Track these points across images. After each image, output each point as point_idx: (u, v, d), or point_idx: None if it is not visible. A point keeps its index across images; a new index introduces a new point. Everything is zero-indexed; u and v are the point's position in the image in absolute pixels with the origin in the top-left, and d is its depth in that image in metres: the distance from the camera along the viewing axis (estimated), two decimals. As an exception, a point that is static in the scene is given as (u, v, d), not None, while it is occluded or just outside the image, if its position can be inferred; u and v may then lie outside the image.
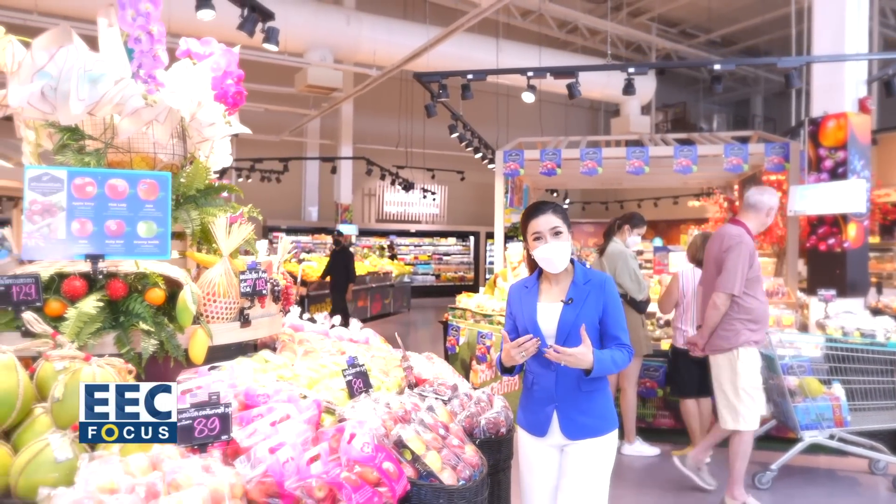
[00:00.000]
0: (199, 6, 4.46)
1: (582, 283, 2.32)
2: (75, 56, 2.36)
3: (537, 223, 2.31)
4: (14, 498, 1.62)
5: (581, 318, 2.24)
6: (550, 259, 2.29)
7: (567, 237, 2.31)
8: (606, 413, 2.34)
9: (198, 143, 2.86)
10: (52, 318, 2.08)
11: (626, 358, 2.31)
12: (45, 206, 2.10)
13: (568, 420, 2.29)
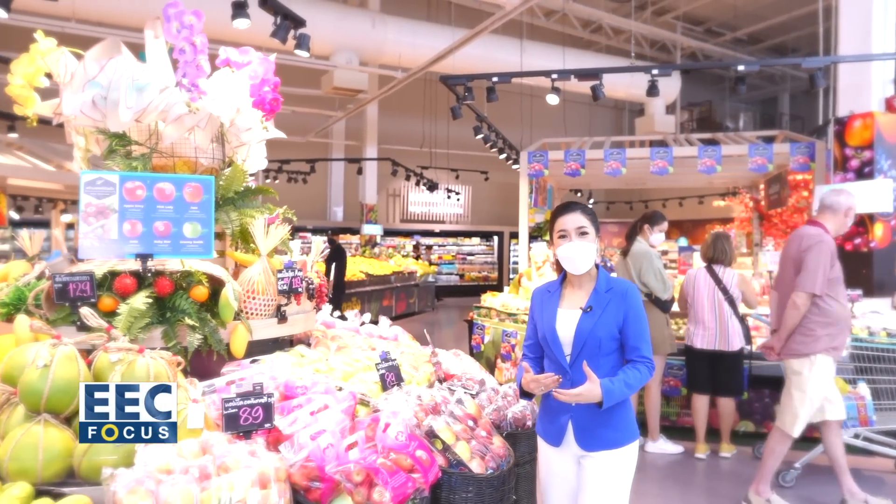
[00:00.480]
0: (234, 15, 4.63)
1: (604, 290, 2.24)
2: (124, 66, 2.50)
3: (564, 221, 2.26)
4: (77, 478, 1.75)
5: (599, 327, 2.17)
6: (572, 259, 2.23)
7: (593, 239, 2.25)
8: (625, 424, 2.24)
9: (236, 147, 2.99)
10: (105, 313, 2.22)
11: (643, 375, 2.20)
12: (99, 209, 2.24)
13: (583, 431, 2.21)
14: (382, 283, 12.89)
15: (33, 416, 1.80)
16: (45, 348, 1.87)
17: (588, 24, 17.35)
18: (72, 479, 1.76)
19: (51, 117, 2.78)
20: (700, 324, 4.78)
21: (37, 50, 2.79)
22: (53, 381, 1.80)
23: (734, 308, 4.70)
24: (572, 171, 6.46)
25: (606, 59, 15.53)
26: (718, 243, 4.78)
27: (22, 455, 1.70)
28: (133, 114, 2.50)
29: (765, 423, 5.26)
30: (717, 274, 4.74)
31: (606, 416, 2.17)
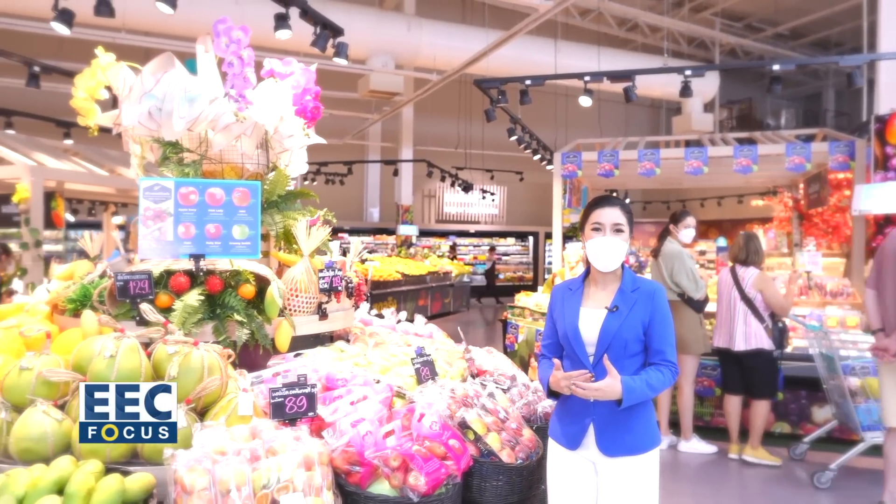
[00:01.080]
0: (277, 27, 4.84)
1: (630, 290, 2.16)
2: (177, 79, 2.69)
3: (601, 213, 2.17)
4: (141, 459, 1.92)
5: (625, 328, 2.10)
6: (603, 255, 2.14)
7: (626, 238, 2.17)
8: (648, 429, 2.16)
9: (279, 152, 3.15)
10: (161, 309, 2.40)
11: (666, 378, 2.12)
12: (156, 213, 2.42)
13: (605, 435, 2.12)
14: (418, 283, 13.05)
15: (101, 402, 1.97)
16: (110, 341, 2.05)
17: (624, 23, 17.22)
18: (136, 460, 1.93)
19: (110, 127, 3.00)
20: (717, 322, 4.84)
21: (97, 65, 3.00)
22: (119, 371, 1.97)
23: (752, 308, 4.65)
24: (606, 171, 6.49)
25: (642, 57, 15.40)
26: (749, 244, 4.77)
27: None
28: (185, 123, 2.68)
29: (801, 425, 5.22)
30: (737, 273, 4.74)
31: (628, 420, 2.10)
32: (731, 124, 19.58)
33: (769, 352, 4.66)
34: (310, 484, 1.74)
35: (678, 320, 4.79)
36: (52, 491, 1.63)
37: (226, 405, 2.05)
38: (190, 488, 1.64)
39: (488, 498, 2.14)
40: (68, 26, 4.95)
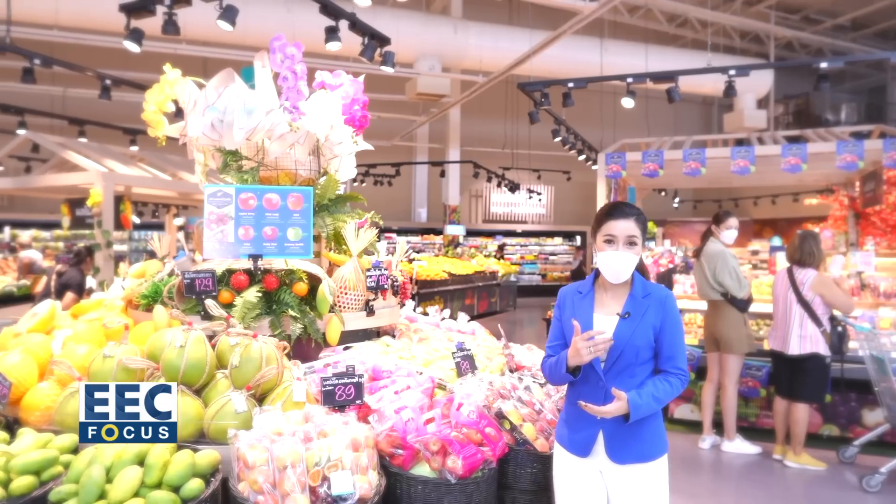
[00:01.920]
0: (327, 39, 5.08)
1: (641, 296, 2.13)
2: (237, 93, 2.91)
3: (615, 226, 2.12)
4: (207, 438, 2.14)
5: (637, 335, 2.07)
6: (617, 269, 2.10)
7: (639, 251, 2.13)
8: (656, 437, 2.14)
9: (329, 159, 3.35)
10: (223, 304, 2.62)
11: (674, 389, 2.08)
12: (219, 217, 2.64)
13: (615, 442, 2.10)
14: (465, 282, 13.20)
15: (172, 387, 2.20)
16: (179, 332, 2.27)
17: (673, 19, 16.95)
18: (203, 440, 2.15)
19: (177, 137, 3.26)
20: (773, 324, 4.78)
21: (165, 80, 3.26)
22: (188, 359, 2.19)
23: (809, 311, 4.54)
24: (650, 172, 6.50)
25: (691, 54, 15.14)
26: (805, 244, 4.67)
27: (165, 418, 2.09)
28: (244, 133, 2.89)
29: (851, 428, 5.14)
30: (793, 275, 4.66)
31: (638, 428, 2.08)
32: (787, 120, 18.97)
33: (823, 357, 4.55)
34: (357, 464, 1.91)
35: (721, 320, 4.83)
36: (133, 462, 1.85)
37: (282, 392, 2.25)
38: (252, 464, 1.84)
39: (523, 484, 2.27)
40: (138, 44, 5.32)
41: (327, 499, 1.82)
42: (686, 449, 5.07)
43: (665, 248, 10.06)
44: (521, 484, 2.27)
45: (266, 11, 9.74)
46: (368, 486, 1.88)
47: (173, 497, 1.78)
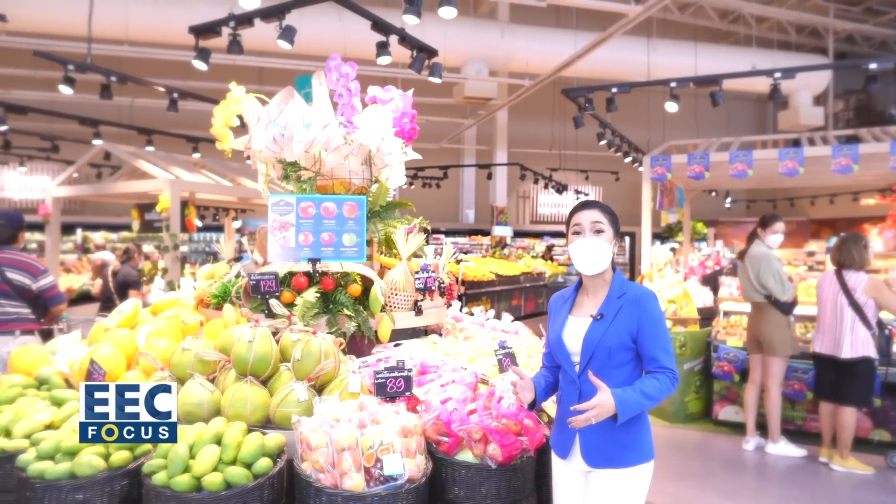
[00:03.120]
0: (378, 53, 5.34)
1: (616, 296, 2.10)
2: (296, 109, 3.17)
3: (580, 216, 2.14)
4: (273, 424, 2.38)
5: (609, 337, 2.02)
6: (585, 256, 2.09)
7: (609, 239, 2.11)
8: (637, 443, 2.06)
9: (381, 168, 3.58)
10: (285, 304, 2.87)
11: (663, 386, 2.00)
12: (282, 224, 2.90)
13: (590, 445, 2.06)
14: (511, 283, 13.31)
15: (241, 377, 2.45)
16: (248, 329, 2.53)
17: (726, 15, 16.64)
18: (269, 425, 2.39)
19: (241, 150, 3.54)
20: (820, 327, 4.74)
21: (231, 98, 3.56)
22: (255, 353, 2.44)
23: (860, 315, 4.51)
24: (696, 174, 6.51)
25: (743, 52, 14.83)
26: (844, 247, 4.67)
27: (236, 404, 2.35)
28: (303, 146, 3.15)
29: (902, 433, 5.07)
30: (843, 278, 4.63)
31: (615, 432, 2.02)
32: (848, 117, 18.32)
33: (872, 360, 4.52)
34: (406, 448, 2.12)
35: (764, 322, 4.85)
36: (212, 442, 2.10)
37: (338, 383, 2.48)
38: (314, 446, 2.07)
39: (559, 472, 2.43)
40: (206, 63, 5.70)
41: (380, 478, 2.03)
42: (730, 450, 5.10)
43: (712, 249, 9.96)
44: (557, 472, 2.43)
45: (319, 22, 10.09)
46: (417, 469, 2.09)
47: (246, 473, 2.03)
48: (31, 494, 2.03)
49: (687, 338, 5.72)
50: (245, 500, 2.00)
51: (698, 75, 7.45)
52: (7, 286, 3.85)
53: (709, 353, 5.74)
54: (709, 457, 5.00)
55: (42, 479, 2.03)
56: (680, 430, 5.62)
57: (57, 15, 9.72)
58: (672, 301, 5.96)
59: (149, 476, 2.04)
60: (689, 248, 10.31)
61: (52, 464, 2.07)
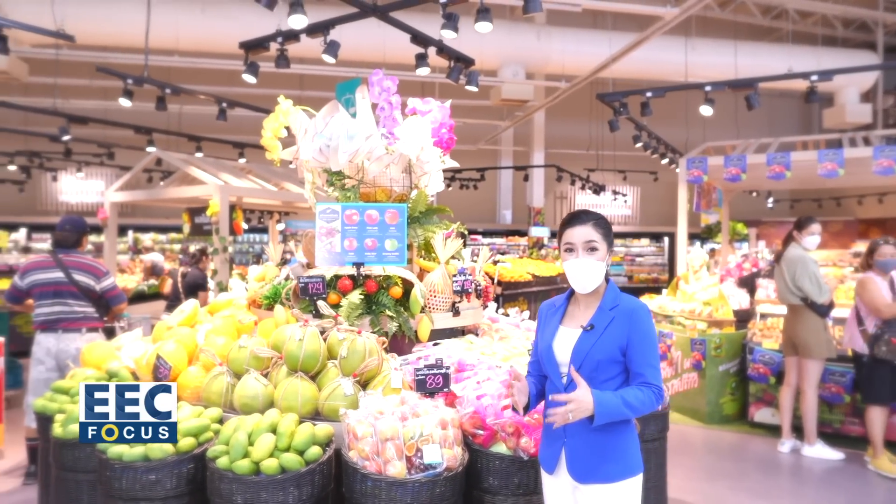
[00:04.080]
0: (417, 65, 5.54)
1: (608, 308, 2.06)
2: (341, 121, 3.37)
3: (572, 233, 2.07)
4: (321, 416, 2.58)
5: (598, 348, 1.99)
6: (579, 276, 2.05)
7: (603, 256, 2.06)
8: (624, 457, 2.01)
9: (420, 175, 3.77)
10: (331, 305, 3.08)
11: (646, 398, 1.96)
12: (328, 230, 3.11)
13: (576, 460, 2.02)
14: (548, 283, 13.33)
15: (292, 373, 2.66)
16: (298, 328, 2.74)
17: (769, 10, 16.32)
18: (318, 417, 2.60)
19: (289, 160, 3.77)
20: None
21: (279, 110, 3.79)
22: (305, 351, 2.65)
23: (858, 312, 4.77)
24: (732, 176, 6.51)
25: (786, 49, 14.55)
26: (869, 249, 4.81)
27: (288, 397, 2.56)
28: (348, 156, 3.35)
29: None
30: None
31: (602, 446, 2.00)
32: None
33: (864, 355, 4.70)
34: (445, 439, 2.29)
35: (800, 324, 4.87)
36: (268, 431, 2.31)
37: (381, 379, 2.67)
38: (360, 436, 2.26)
39: (589, 466, 2.57)
40: (255, 76, 6.00)
41: (420, 466, 2.20)
42: (765, 452, 5.13)
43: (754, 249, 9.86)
44: (587, 466, 2.57)
45: (359, 29, 10.32)
46: (454, 459, 2.26)
47: (299, 459, 2.23)
48: (110, 474, 2.28)
49: (722, 340, 5.75)
50: (298, 484, 2.20)
51: (734, 79, 7.44)
52: (75, 287, 4.16)
53: (744, 355, 5.76)
54: (743, 458, 5.03)
55: (120, 461, 2.27)
56: (715, 431, 5.66)
57: (114, 29, 10.23)
58: (707, 303, 5.99)
59: (213, 460, 2.27)
60: (729, 250, 10.23)
61: (129, 448, 2.31)
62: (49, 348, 4.06)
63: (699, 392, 5.85)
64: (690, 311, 6.09)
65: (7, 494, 4.04)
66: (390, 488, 2.15)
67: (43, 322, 4.09)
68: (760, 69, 12.41)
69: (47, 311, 4.11)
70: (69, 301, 4.17)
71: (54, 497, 2.72)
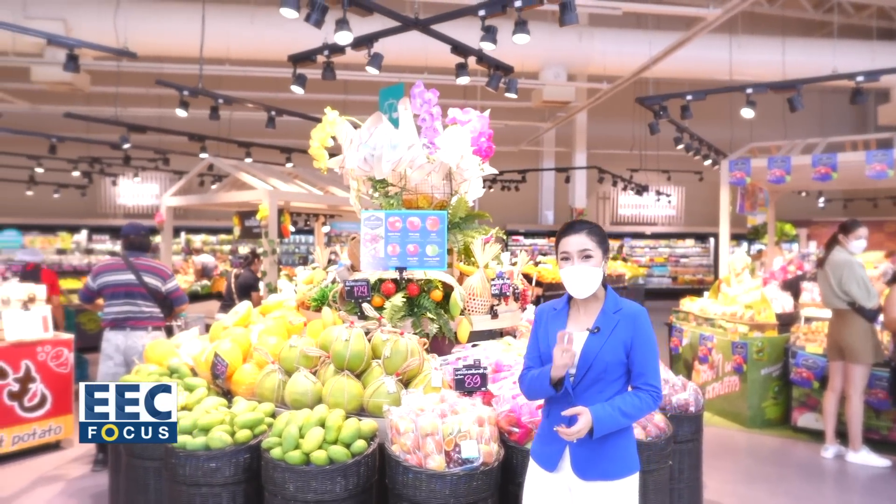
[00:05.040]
0: (458, 74, 5.69)
1: (612, 311, 2.13)
2: (385, 132, 3.54)
3: (567, 242, 2.15)
4: (366, 413, 2.75)
5: (606, 350, 2.06)
6: (575, 284, 2.12)
7: (598, 262, 2.13)
8: (625, 455, 2.10)
9: (460, 182, 3.91)
10: (375, 307, 3.24)
11: (643, 404, 2.05)
12: (373, 237, 3.28)
13: (581, 457, 2.08)
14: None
15: (339, 371, 2.84)
16: (344, 329, 2.91)
17: (820, 4, 15.87)
18: (362, 413, 2.76)
19: (336, 168, 3.96)
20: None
21: (326, 121, 3.98)
22: (351, 350, 2.82)
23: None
24: (776, 178, 6.44)
25: (836, 43, 14.13)
26: None
27: (335, 394, 2.73)
28: (391, 165, 3.52)
29: None
30: None
31: (605, 445, 2.06)
32: (960, 108, 16.98)
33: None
34: (482, 436, 2.43)
35: (847, 329, 4.82)
36: (317, 424, 2.49)
37: (422, 378, 2.82)
38: (402, 431, 2.42)
39: (621, 464, 2.67)
40: (303, 88, 6.26)
41: (458, 461, 2.34)
42: (807, 457, 5.08)
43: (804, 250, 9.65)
44: (619, 464, 2.67)
45: (402, 36, 10.57)
46: (490, 454, 2.39)
47: (346, 451, 2.40)
48: (175, 462, 2.49)
49: (764, 343, 5.71)
50: (345, 475, 2.37)
51: (777, 81, 7.31)
52: (144, 289, 4.46)
53: (787, 358, 5.71)
54: (784, 462, 5.00)
55: (184, 450, 2.48)
56: (756, 435, 5.62)
57: (168, 41, 10.71)
58: (749, 306, 5.95)
59: (267, 451, 2.46)
60: (776, 251, 10.04)
61: (191, 437, 2.53)
62: (118, 345, 4.36)
63: (740, 395, 5.82)
64: (732, 314, 6.06)
65: (78, 479, 4.36)
66: (430, 480, 2.30)
67: (113, 320, 4.40)
68: (810, 66, 12.12)
69: (117, 311, 4.41)
70: (138, 301, 4.46)
71: (124, 481, 2.96)
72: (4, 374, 4.63)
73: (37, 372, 4.79)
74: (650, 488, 2.68)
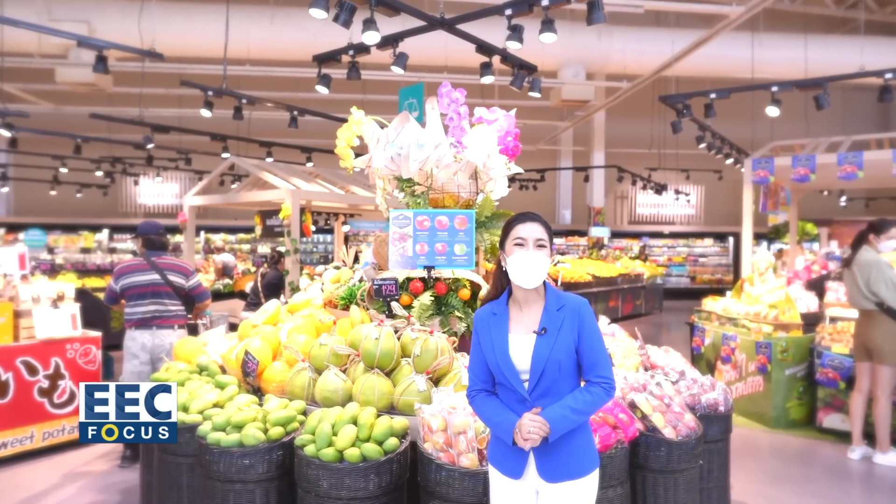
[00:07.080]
0: (482, 73, 5.70)
1: (555, 309, 2.07)
2: (411, 131, 3.55)
3: (522, 228, 2.10)
4: (396, 410, 2.76)
5: (558, 350, 2.00)
6: (527, 270, 2.04)
7: (548, 254, 2.10)
8: (587, 452, 2.07)
9: (486, 181, 3.91)
10: (404, 306, 3.26)
11: (595, 398, 2.00)
12: (401, 235, 3.29)
13: (546, 461, 2.02)
14: (608, 284, 13.28)
15: (369, 369, 2.85)
16: (374, 328, 2.93)
17: (842, 1, 15.66)
18: (393, 411, 2.78)
19: (362, 167, 3.98)
20: None
21: (352, 120, 4.00)
22: (381, 349, 2.83)
23: None
24: (800, 177, 6.37)
25: (862, 40, 13.96)
26: None
27: (366, 392, 2.75)
28: (418, 164, 3.53)
29: None
30: None
31: (568, 445, 2.03)
32: None
33: None
34: (513, 434, 2.43)
35: (875, 329, 4.76)
36: (349, 422, 2.51)
37: (452, 377, 2.83)
38: (434, 429, 2.43)
39: (651, 465, 2.67)
40: (327, 88, 6.30)
41: (491, 459, 2.35)
42: (833, 458, 5.03)
43: (825, 250, 9.54)
44: (650, 464, 2.67)
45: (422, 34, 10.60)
46: (522, 453, 2.39)
47: (379, 449, 2.42)
48: (209, 458, 2.52)
49: (789, 343, 5.66)
50: (378, 472, 2.39)
51: (802, 79, 7.23)
52: (170, 287, 4.51)
53: (812, 359, 5.65)
54: (810, 463, 4.95)
55: (218, 446, 2.51)
56: (781, 436, 5.57)
57: (190, 41, 10.83)
58: (773, 306, 5.90)
59: (300, 448, 2.48)
60: (797, 250, 9.93)
61: (224, 434, 2.56)
62: (144, 343, 4.41)
63: (764, 396, 5.77)
64: (755, 313, 6.01)
65: (106, 475, 4.43)
66: (463, 478, 2.31)
67: (139, 320, 4.44)
68: (833, 64, 11.97)
69: (143, 310, 4.45)
70: (164, 300, 4.51)
71: (157, 477, 3.01)
72: (35, 370, 4.71)
73: (66, 369, 4.86)
74: (681, 488, 2.68)
